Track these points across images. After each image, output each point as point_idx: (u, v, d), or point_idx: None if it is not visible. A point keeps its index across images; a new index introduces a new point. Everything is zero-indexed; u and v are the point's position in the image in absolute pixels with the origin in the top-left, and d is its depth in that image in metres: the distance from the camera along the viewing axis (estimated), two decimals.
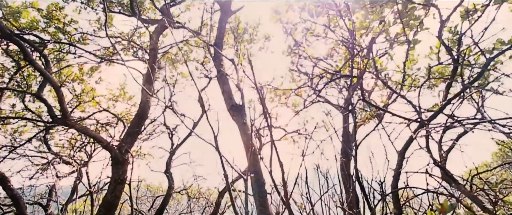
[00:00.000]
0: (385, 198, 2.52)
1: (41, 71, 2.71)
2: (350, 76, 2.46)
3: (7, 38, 2.42)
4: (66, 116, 2.72)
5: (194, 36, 4.98)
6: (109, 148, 2.87)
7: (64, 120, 2.71)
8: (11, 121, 5.98)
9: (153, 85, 3.51)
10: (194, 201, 6.80)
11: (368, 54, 2.60)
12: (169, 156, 5.46)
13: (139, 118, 3.13)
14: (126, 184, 2.89)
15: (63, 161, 5.52)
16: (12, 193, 3.72)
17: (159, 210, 4.63)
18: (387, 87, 2.80)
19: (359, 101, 3.13)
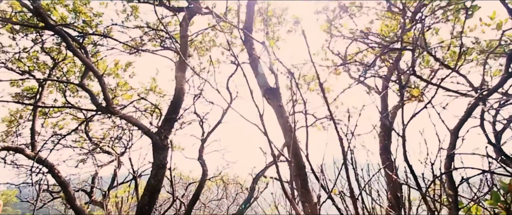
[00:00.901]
0: (439, 179, 2.34)
1: (83, 60, 2.80)
2: (404, 49, 2.26)
3: (51, 29, 2.51)
4: (109, 103, 2.81)
5: (221, 22, 4.91)
6: (149, 134, 2.93)
7: (108, 107, 2.80)
8: (53, 114, 6.39)
9: (185, 72, 3.52)
10: (227, 187, 6.94)
11: (416, 24, 2.37)
12: (201, 143, 5.54)
13: (175, 105, 3.16)
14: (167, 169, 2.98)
15: (103, 151, 5.83)
16: (61, 180, 3.98)
17: (195, 196, 4.75)
18: (438, 61, 2.56)
19: (409, 76, 2.91)
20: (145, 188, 2.89)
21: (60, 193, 5.85)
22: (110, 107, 2.83)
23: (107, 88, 2.95)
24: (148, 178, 2.92)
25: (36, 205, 5.72)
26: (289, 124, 2.83)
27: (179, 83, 3.24)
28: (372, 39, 3.65)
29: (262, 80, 3.14)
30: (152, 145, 3.00)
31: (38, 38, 4.96)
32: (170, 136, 4.59)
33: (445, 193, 2.54)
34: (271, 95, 2.98)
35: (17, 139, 5.31)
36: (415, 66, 2.43)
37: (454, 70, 2.59)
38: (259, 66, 3.21)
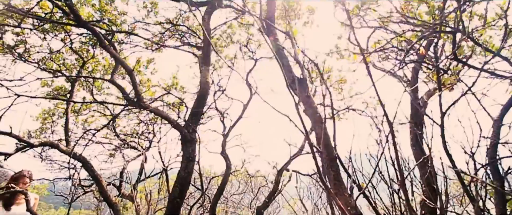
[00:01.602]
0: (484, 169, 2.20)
1: (114, 56, 2.87)
2: (451, 32, 2.12)
3: (84, 26, 2.58)
4: (140, 98, 2.87)
5: (241, 16, 4.88)
6: (178, 127, 2.97)
7: (138, 102, 2.87)
8: (82, 112, 6.68)
9: (209, 66, 3.52)
10: (251, 181, 6.98)
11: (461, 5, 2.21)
12: (223, 138, 5.58)
13: (201, 99, 3.18)
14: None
15: (130, 146, 6.04)
16: (94, 174, 4.16)
17: (220, 189, 4.80)
18: (479, 45, 2.38)
19: (450, 60, 2.75)
20: (175, 180, 2.95)
21: (91, 187, 6.13)
22: (141, 101, 2.90)
23: (137, 83, 3.02)
24: (178, 171, 2.97)
25: (70, 198, 6.03)
26: (319, 115, 2.77)
27: (204, 76, 3.25)
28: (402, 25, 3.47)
29: (288, 71, 3.08)
30: (180, 139, 3.05)
31: (66, 38, 5.16)
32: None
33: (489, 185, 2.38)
34: (298, 86, 2.93)
35: (52, 135, 5.59)
36: (455, 50, 2.27)
37: (497, 54, 2.40)
38: (284, 57, 3.16)
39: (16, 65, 5.08)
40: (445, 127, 2.16)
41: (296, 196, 5.57)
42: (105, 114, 6.71)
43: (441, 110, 2.30)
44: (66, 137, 4.45)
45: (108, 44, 3.33)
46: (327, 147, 2.58)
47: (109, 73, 6.24)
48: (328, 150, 2.58)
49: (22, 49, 4.99)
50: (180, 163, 2.97)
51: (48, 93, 6.41)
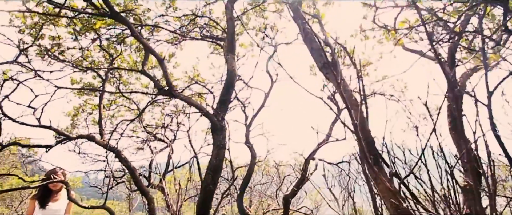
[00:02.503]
0: None
1: (145, 45, 2.94)
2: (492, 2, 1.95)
3: (115, 17, 2.65)
4: (171, 86, 2.92)
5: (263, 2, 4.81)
6: (208, 115, 3.01)
7: (170, 91, 2.92)
8: (110, 107, 6.97)
9: (235, 54, 3.51)
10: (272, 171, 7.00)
11: None
12: (246, 128, 5.60)
13: (228, 87, 3.19)
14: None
15: (157, 139, 6.24)
16: (127, 164, 4.33)
17: (246, 179, 4.84)
18: None
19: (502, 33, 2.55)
20: (207, 167, 3.00)
21: (123, 178, 6.43)
22: (172, 90, 2.95)
23: (168, 72, 3.08)
24: (209, 158, 3.02)
25: (103, 189, 6.36)
26: (354, 99, 2.68)
27: (230, 64, 3.25)
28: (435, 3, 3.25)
29: (317, 54, 3.00)
30: (210, 127, 3.08)
31: (96, 38, 5.37)
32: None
33: None
34: (330, 69, 2.85)
35: (87, 129, 5.89)
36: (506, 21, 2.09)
37: None
38: (314, 41, 3.07)
39: (51, 66, 5.37)
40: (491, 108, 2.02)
41: (321, 185, 5.50)
42: (131, 108, 6.96)
43: (487, 89, 2.15)
44: (100, 130, 4.66)
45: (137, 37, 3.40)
46: (364, 131, 2.50)
47: (134, 63, 6.45)
48: (365, 134, 2.50)
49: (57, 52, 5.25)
50: (211, 151, 3.01)
51: (79, 91, 6.74)
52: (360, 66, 2.43)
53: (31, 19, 4.76)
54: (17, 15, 4.83)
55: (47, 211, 3.04)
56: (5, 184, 9.30)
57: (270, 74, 6.17)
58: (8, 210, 9.53)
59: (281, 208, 5.38)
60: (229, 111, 6.44)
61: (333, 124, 4.73)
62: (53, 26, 4.78)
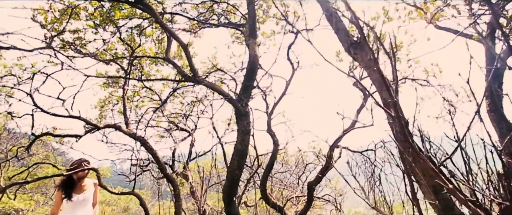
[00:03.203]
0: None
1: (169, 31, 2.93)
2: None
3: (139, 2, 2.64)
4: (195, 73, 2.91)
5: None
6: (232, 101, 2.97)
7: (194, 77, 2.91)
8: (133, 98, 7.16)
9: (256, 39, 3.43)
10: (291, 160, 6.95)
11: None
12: (267, 116, 5.54)
13: (251, 72, 3.12)
14: None
15: (179, 128, 6.35)
16: (153, 152, 4.44)
17: (269, 166, 4.82)
18: None
19: None
20: (233, 153, 2.99)
21: (148, 167, 6.65)
22: (197, 76, 2.94)
23: (191, 58, 3.06)
24: (234, 144, 3.01)
25: (130, 177, 6.61)
26: (386, 78, 2.53)
27: (252, 49, 3.17)
28: None
29: (344, 35, 2.85)
30: (234, 113, 3.06)
31: (115, 31, 5.47)
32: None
33: None
34: (357, 49, 2.70)
35: (113, 120, 6.09)
36: None
37: None
38: (339, 21, 2.92)
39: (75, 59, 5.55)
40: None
41: (344, 173, 5.39)
42: (153, 99, 7.11)
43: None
44: (125, 120, 4.80)
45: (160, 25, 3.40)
46: (398, 113, 2.36)
47: (154, 62, 6.54)
48: (399, 116, 2.36)
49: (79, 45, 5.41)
50: (236, 136, 2.99)
51: (104, 83, 6.98)
52: (391, 45, 2.27)
53: (52, 13, 4.91)
54: (39, 10, 5.00)
55: (75, 202, 3.06)
56: (40, 173, 9.94)
57: (291, 61, 6.03)
58: (43, 197, 10.24)
59: (303, 195, 5.35)
60: (250, 99, 6.41)
61: (359, 110, 4.57)
62: (74, 20, 4.89)
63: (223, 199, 3.09)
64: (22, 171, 5.13)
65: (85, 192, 3.16)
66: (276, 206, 5.01)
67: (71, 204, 3.03)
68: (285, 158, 8.33)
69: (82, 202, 3.10)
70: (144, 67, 6.65)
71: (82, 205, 3.09)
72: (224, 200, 3.12)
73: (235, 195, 3.03)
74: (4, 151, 8.37)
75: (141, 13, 4.83)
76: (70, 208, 3.03)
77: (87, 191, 3.18)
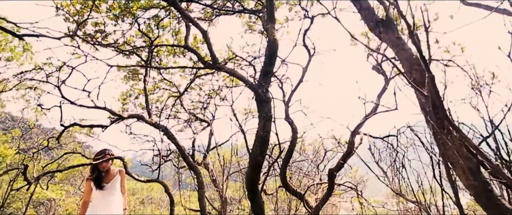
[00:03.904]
0: None
1: (188, 17, 2.93)
2: None
3: None
4: (216, 59, 2.90)
5: None
6: (253, 87, 2.95)
7: (215, 64, 2.91)
8: (153, 91, 7.33)
9: (275, 24, 3.35)
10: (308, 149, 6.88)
11: None
12: (285, 103, 5.48)
13: (271, 57, 3.07)
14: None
15: (198, 119, 6.45)
16: (176, 141, 4.53)
17: (288, 154, 4.80)
18: None
19: None
20: (255, 140, 2.99)
21: (169, 156, 6.83)
22: (217, 62, 2.93)
23: (211, 44, 3.06)
24: (256, 131, 3.00)
25: (153, 167, 6.82)
26: (415, 56, 2.41)
27: (271, 34, 3.11)
28: None
29: (369, 13, 2.72)
30: (255, 99, 3.04)
31: (133, 22, 5.56)
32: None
33: None
34: (384, 28, 2.57)
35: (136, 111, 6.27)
36: None
37: None
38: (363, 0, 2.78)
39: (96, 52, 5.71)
40: None
41: (362, 161, 5.26)
42: (172, 92, 7.25)
43: None
44: (147, 110, 4.91)
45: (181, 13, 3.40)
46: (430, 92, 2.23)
47: (172, 53, 6.62)
48: (432, 94, 2.24)
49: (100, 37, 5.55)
50: (258, 123, 2.98)
51: (125, 76, 7.19)
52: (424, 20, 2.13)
53: (73, 7, 5.03)
54: (62, 4, 5.14)
55: (105, 191, 3.15)
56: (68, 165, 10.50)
57: (307, 47, 5.90)
58: (72, 187, 10.85)
59: (324, 182, 5.30)
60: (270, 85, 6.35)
61: (381, 94, 4.41)
62: (94, 12, 5.00)
63: (246, 185, 3.11)
64: (53, 161, 5.43)
65: (112, 180, 3.26)
66: (296, 194, 5.00)
67: (101, 193, 3.15)
68: (302, 147, 8.28)
69: (111, 190, 3.21)
70: (162, 59, 6.76)
71: (111, 194, 3.19)
72: (247, 187, 3.14)
73: (258, 181, 3.03)
74: (36, 145, 8.88)
75: (158, 3, 4.86)
76: (101, 196, 3.15)
77: (114, 179, 3.28)
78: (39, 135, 10.01)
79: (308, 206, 4.83)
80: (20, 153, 8.52)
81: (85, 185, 3.24)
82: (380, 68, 4.77)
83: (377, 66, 4.87)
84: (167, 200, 12.14)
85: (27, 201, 6.74)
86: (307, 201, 4.89)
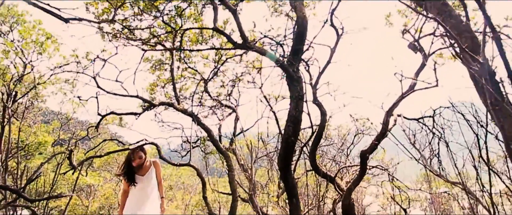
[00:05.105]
0: None
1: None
2: None
3: None
4: (246, 39, 2.87)
5: None
6: (283, 66, 2.89)
7: (245, 44, 2.87)
8: (178, 80, 7.50)
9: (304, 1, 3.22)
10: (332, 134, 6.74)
11: None
12: (313, 86, 5.35)
13: (300, 35, 2.97)
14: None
15: (223, 105, 6.53)
16: (205, 127, 4.62)
17: (317, 137, 4.72)
18: None
19: None
20: (287, 119, 2.95)
21: (196, 143, 7.03)
22: (247, 43, 2.90)
23: (241, 24, 3.02)
24: (288, 111, 2.96)
25: (181, 153, 7.06)
26: (464, 23, 2.20)
27: (300, 11, 3.00)
28: None
29: None
30: (286, 78, 2.98)
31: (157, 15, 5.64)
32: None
33: None
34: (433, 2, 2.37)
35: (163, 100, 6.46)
36: None
37: None
38: None
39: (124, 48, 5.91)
40: None
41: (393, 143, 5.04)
42: (196, 79, 7.37)
43: None
44: (176, 97, 5.03)
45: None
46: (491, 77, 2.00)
47: (194, 42, 6.67)
48: (492, 80, 2.02)
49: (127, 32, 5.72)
50: (289, 103, 2.93)
51: (151, 67, 7.43)
52: None
53: (102, 5, 5.21)
54: (91, 3, 5.34)
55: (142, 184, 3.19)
56: None
57: (335, 27, 5.65)
58: (109, 174, 11.62)
59: (355, 165, 5.19)
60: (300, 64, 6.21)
61: (419, 71, 4.14)
62: (121, 10, 5.13)
63: (279, 166, 3.11)
64: (92, 149, 5.80)
65: (148, 172, 3.29)
66: (326, 176, 4.94)
67: (138, 186, 3.19)
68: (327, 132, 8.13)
69: (147, 182, 3.25)
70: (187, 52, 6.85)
71: (147, 186, 3.24)
72: (279, 168, 3.14)
73: (291, 162, 3.02)
74: (73, 135, 9.53)
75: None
76: (138, 189, 3.19)
77: (150, 171, 3.32)
78: (76, 127, 10.73)
79: (339, 189, 4.76)
80: (61, 143, 9.20)
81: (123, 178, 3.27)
82: (418, 45, 4.48)
83: (414, 43, 4.58)
84: (195, 186, 12.63)
85: (74, 183, 7.30)
86: (338, 184, 4.82)
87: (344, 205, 4.80)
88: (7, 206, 3.72)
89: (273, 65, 3.27)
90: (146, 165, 3.29)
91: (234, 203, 4.45)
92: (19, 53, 5.84)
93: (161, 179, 3.46)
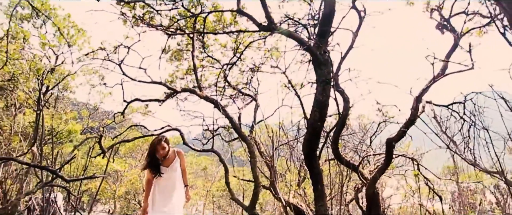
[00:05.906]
0: None
1: None
2: None
3: None
4: (271, 20, 2.79)
5: None
6: (310, 49, 2.79)
7: (270, 26, 2.80)
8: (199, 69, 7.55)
9: None
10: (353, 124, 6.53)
11: None
12: (334, 73, 5.19)
13: (327, 17, 2.84)
14: None
15: (243, 93, 6.51)
16: (226, 113, 4.63)
17: (341, 124, 4.59)
18: None
19: None
20: (313, 105, 2.87)
21: (217, 131, 7.11)
22: (273, 24, 2.82)
23: (267, 5, 2.94)
24: (314, 95, 2.87)
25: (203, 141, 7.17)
26: None
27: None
28: None
29: None
30: (312, 61, 2.88)
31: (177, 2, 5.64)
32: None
33: None
34: None
35: None
36: None
37: None
38: None
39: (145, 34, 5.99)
40: None
41: (420, 131, 4.79)
42: (215, 68, 7.39)
43: None
44: (198, 84, 5.07)
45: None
46: None
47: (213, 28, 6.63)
48: None
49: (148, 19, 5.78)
50: (315, 87, 2.84)
51: (169, 57, 7.53)
52: None
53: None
54: None
55: (166, 175, 3.22)
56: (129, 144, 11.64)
57: (357, 9, 5.40)
58: (134, 161, 12.14)
59: (380, 153, 5.04)
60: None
61: (450, 53, 3.88)
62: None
63: (304, 152, 3.06)
64: (119, 135, 6.03)
65: (172, 163, 3.33)
66: (350, 165, 4.84)
67: (164, 176, 3.24)
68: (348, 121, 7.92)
69: (171, 173, 3.29)
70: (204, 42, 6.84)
71: (173, 175, 3.29)
72: (304, 154, 3.09)
73: (316, 148, 2.95)
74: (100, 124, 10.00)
75: None
76: (164, 179, 3.24)
77: (174, 161, 3.36)
78: (102, 116, 11.24)
79: (363, 178, 4.66)
80: (89, 131, 9.68)
81: (146, 172, 3.32)
82: (449, 25, 4.18)
83: (444, 23, 4.28)
84: (215, 173, 12.92)
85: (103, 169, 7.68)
86: (361, 173, 4.70)
87: (368, 193, 4.70)
88: (45, 186, 4.00)
89: (297, 48, 3.16)
90: (170, 155, 3.32)
91: (256, 189, 4.49)
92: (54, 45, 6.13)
93: (185, 168, 3.51)
